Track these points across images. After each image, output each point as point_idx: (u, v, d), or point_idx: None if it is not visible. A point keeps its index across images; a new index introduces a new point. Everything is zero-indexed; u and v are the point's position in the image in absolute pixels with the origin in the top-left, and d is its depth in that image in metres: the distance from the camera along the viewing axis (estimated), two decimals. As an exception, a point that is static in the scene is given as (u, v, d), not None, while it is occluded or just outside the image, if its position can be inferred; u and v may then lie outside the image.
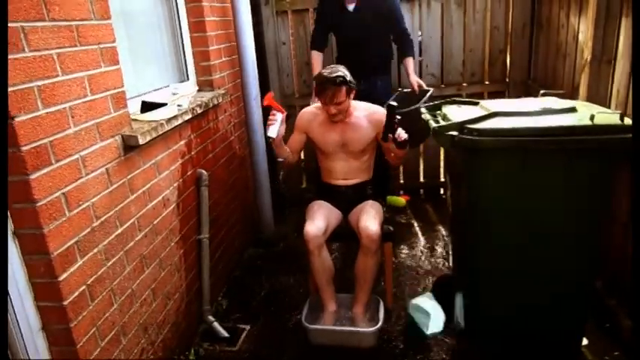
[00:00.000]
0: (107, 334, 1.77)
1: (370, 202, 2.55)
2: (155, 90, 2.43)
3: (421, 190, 4.18)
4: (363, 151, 2.54)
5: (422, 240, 3.42)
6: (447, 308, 2.45)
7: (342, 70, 2.39)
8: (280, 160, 2.69)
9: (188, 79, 2.76)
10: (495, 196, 1.85)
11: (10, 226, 1.45)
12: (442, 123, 1.92)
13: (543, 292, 1.97)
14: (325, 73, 2.38)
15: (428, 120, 2.02)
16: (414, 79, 3.33)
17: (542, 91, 2.29)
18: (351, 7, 3.26)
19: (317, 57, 3.46)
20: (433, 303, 2.42)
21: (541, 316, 2.02)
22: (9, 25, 1.32)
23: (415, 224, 3.68)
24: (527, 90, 3.63)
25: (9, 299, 1.49)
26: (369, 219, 2.36)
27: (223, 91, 2.86)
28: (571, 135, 1.71)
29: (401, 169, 4.12)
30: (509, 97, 3.79)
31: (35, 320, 1.56)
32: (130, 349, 1.92)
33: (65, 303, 1.55)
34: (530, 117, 1.87)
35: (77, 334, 1.61)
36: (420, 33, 3.81)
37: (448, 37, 3.78)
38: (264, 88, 3.72)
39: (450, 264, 3.01)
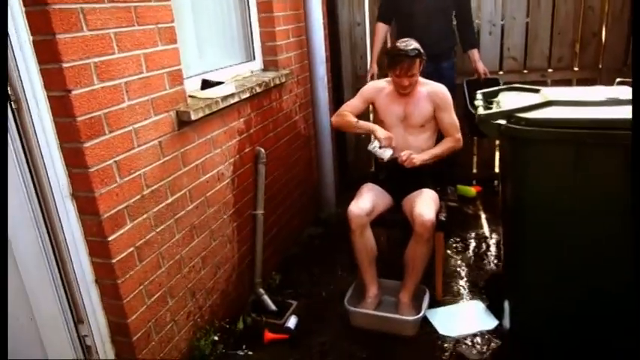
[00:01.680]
0: (154, 294, 1.92)
1: (427, 190, 2.49)
2: (220, 68, 2.55)
3: (495, 182, 3.98)
4: (423, 126, 2.56)
5: (486, 233, 3.28)
6: (498, 306, 2.35)
7: (415, 43, 2.45)
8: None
9: (254, 58, 2.85)
10: (544, 192, 1.72)
11: (69, 188, 1.63)
12: (491, 111, 1.82)
13: (596, 300, 1.82)
14: (401, 46, 2.43)
15: (478, 107, 1.92)
16: (481, 66, 3.27)
17: (618, 79, 2.07)
18: None
19: (382, 28, 3.43)
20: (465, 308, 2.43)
21: (592, 326, 1.87)
22: (69, 6, 1.46)
23: (482, 216, 3.52)
24: (623, 78, 3.28)
25: (69, 254, 1.69)
26: (424, 206, 2.33)
27: (287, 71, 2.92)
28: (630, 129, 1.53)
29: (474, 158, 3.95)
30: (602, 84, 3.46)
31: (90, 273, 1.74)
32: (177, 311, 2.07)
33: (113, 261, 1.71)
34: (591, 107, 1.71)
35: (124, 290, 1.77)
36: (502, 16, 3.57)
37: (534, 19, 3.51)
38: (336, 68, 3.77)
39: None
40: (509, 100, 1.92)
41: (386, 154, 2.41)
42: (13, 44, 1.42)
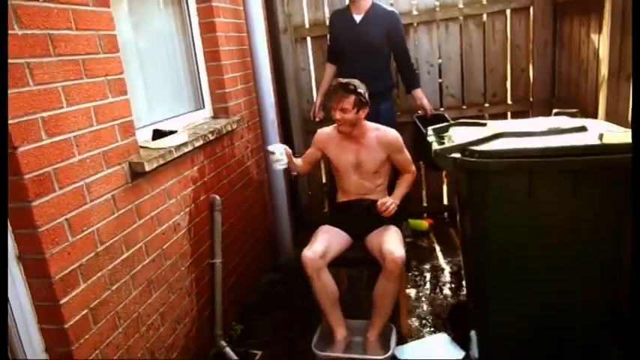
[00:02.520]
0: (110, 357, 1.79)
1: (391, 226, 2.50)
2: (170, 118, 2.51)
3: (445, 214, 4.10)
4: (377, 172, 2.57)
5: (443, 265, 3.34)
6: (463, 337, 2.37)
7: (359, 83, 2.47)
8: (294, 173, 2.82)
9: (204, 106, 2.84)
10: (502, 221, 1.79)
11: (15, 251, 1.51)
12: (445, 145, 1.89)
13: (558, 325, 1.87)
14: (341, 80, 2.48)
15: (432, 142, 1.99)
16: (426, 103, 3.42)
17: (555, 110, 2.23)
18: (358, 17, 3.32)
19: (329, 68, 3.56)
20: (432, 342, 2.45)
21: (561, 350, 1.92)
22: (14, 61, 1.41)
23: (437, 248, 3.59)
24: (551, 108, 3.52)
25: (14, 322, 1.55)
26: (393, 243, 2.33)
27: (238, 118, 2.92)
28: (577, 155, 1.64)
29: (424, 192, 4.07)
30: (533, 116, 3.70)
31: (38, 342, 1.60)
32: (136, 373, 1.94)
33: (66, 326, 1.59)
34: (537, 137, 1.82)
35: (78, 356, 1.64)
36: (438, 56, 3.78)
37: (468, 58, 3.74)
38: (284, 114, 3.82)
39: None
40: (459, 135, 2.00)
41: (277, 167, 2.54)
42: (-47, 102, 1.34)
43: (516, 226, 1.77)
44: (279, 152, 2.49)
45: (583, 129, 1.85)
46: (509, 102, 3.80)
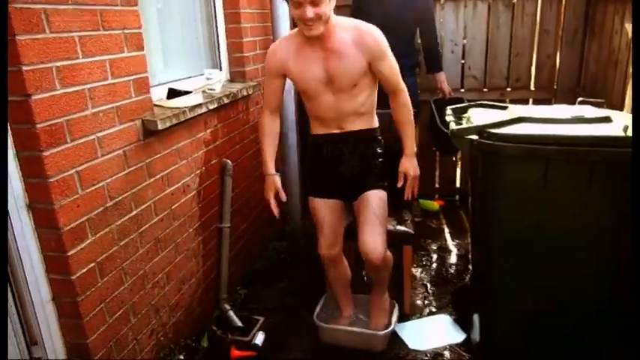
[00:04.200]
0: (116, 312, 1.82)
1: (373, 196, 2.05)
2: (187, 78, 2.48)
3: (457, 196, 4.06)
4: (356, 85, 1.96)
5: (450, 247, 3.32)
6: (465, 319, 2.37)
7: None
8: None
9: (221, 69, 2.80)
10: (515, 206, 1.75)
11: (25, 200, 1.52)
12: (462, 126, 1.84)
13: (563, 312, 1.86)
14: None
15: (449, 122, 1.95)
16: (446, 87, 3.37)
17: (579, 99, 2.16)
18: None
19: None
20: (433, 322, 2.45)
21: (561, 337, 1.90)
22: (31, 6, 1.38)
23: (446, 230, 3.57)
24: (576, 98, 3.43)
25: (22, 269, 1.57)
26: (369, 234, 2.00)
27: (254, 83, 2.88)
28: (598, 146, 1.59)
29: (436, 173, 4.02)
30: (556, 104, 3.61)
31: (46, 291, 1.62)
32: (139, 329, 1.97)
33: (73, 277, 1.61)
34: (559, 125, 1.77)
35: (84, 308, 1.66)
36: (463, 36, 3.68)
37: (494, 40, 3.63)
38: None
39: (475, 273, 2.90)
40: (479, 116, 1.95)
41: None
42: (-32, 44, 1.33)
43: (527, 214, 1.73)
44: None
45: (607, 120, 1.79)
46: (532, 88, 3.71)
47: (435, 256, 3.19)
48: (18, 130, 1.44)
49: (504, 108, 2.06)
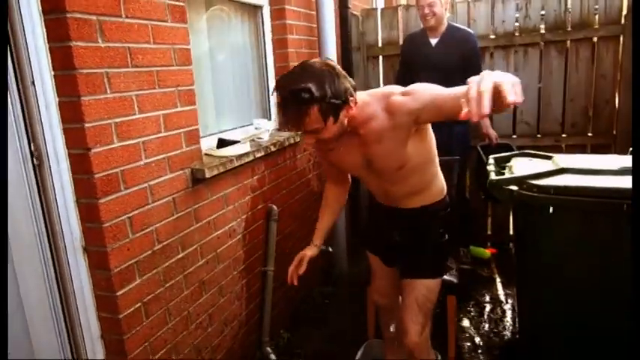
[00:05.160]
0: (159, 351, 1.90)
1: (422, 284, 1.86)
2: (238, 127, 2.63)
3: (510, 244, 3.92)
4: (402, 167, 1.68)
5: (501, 297, 3.19)
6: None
7: (312, 73, 1.48)
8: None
9: (270, 119, 2.94)
10: (554, 259, 1.70)
11: (82, 242, 1.66)
12: (503, 176, 1.83)
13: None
14: (282, 81, 1.53)
15: (490, 172, 1.93)
16: (492, 132, 3.32)
17: (631, 148, 2.08)
18: (434, 41, 3.26)
19: None
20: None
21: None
22: (95, 71, 1.55)
23: (497, 280, 3.45)
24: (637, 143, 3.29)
25: (76, 308, 1.70)
26: (410, 318, 1.86)
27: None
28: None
29: (489, 220, 3.92)
30: (616, 150, 3.46)
31: (96, 328, 1.74)
32: (181, 368, 2.04)
33: (121, 316, 1.71)
34: (605, 176, 1.71)
35: (130, 346, 1.76)
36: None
37: (546, 85, 3.58)
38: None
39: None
40: (521, 166, 1.93)
41: None
42: (40, 104, 1.51)
43: (570, 265, 1.67)
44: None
45: (658, 171, 1.71)
46: (589, 134, 3.58)
47: (484, 307, 3.08)
48: (78, 179, 1.59)
49: (549, 158, 2.02)
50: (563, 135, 3.62)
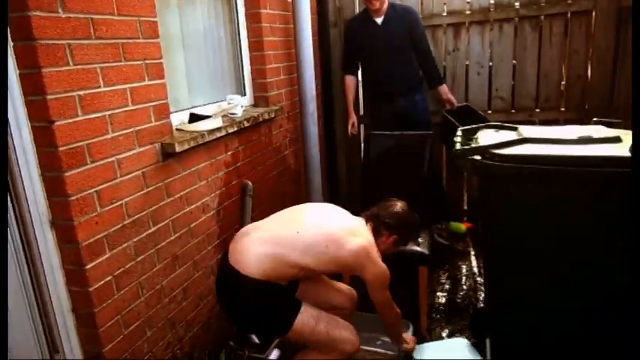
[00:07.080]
0: (131, 324, 1.92)
1: None
2: (211, 103, 2.62)
3: (486, 219, 4.00)
4: None
5: (475, 269, 3.27)
6: (482, 345, 2.33)
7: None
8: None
9: (245, 94, 2.93)
10: (517, 229, 1.74)
11: (49, 216, 1.66)
12: (467, 146, 1.86)
13: (578, 334, 1.80)
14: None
15: (456, 142, 1.97)
16: (452, 98, 3.48)
17: (594, 119, 2.12)
18: (379, 20, 3.34)
19: (350, 82, 3.63)
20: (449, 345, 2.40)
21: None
22: (56, 42, 1.53)
23: (472, 253, 3.52)
24: (609, 117, 3.34)
25: (46, 281, 1.70)
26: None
27: (277, 107, 2.99)
28: (601, 166, 1.57)
29: (465, 196, 3.99)
30: (588, 124, 3.51)
31: (66, 301, 1.75)
32: (155, 342, 2.06)
33: (91, 289, 1.72)
34: (565, 145, 1.75)
35: (101, 318, 1.77)
36: (490, 57, 3.68)
37: (520, 61, 3.61)
38: (328, 106, 3.86)
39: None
40: (487, 137, 1.96)
41: None
42: None
43: (531, 235, 1.71)
44: None
45: (616, 140, 1.76)
46: (562, 109, 3.63)
47: (458, 279, 3.15)
48: (42, 152, 1.58)
49: (514, 129, 2.05)
50: (537, 110, 3.66)
